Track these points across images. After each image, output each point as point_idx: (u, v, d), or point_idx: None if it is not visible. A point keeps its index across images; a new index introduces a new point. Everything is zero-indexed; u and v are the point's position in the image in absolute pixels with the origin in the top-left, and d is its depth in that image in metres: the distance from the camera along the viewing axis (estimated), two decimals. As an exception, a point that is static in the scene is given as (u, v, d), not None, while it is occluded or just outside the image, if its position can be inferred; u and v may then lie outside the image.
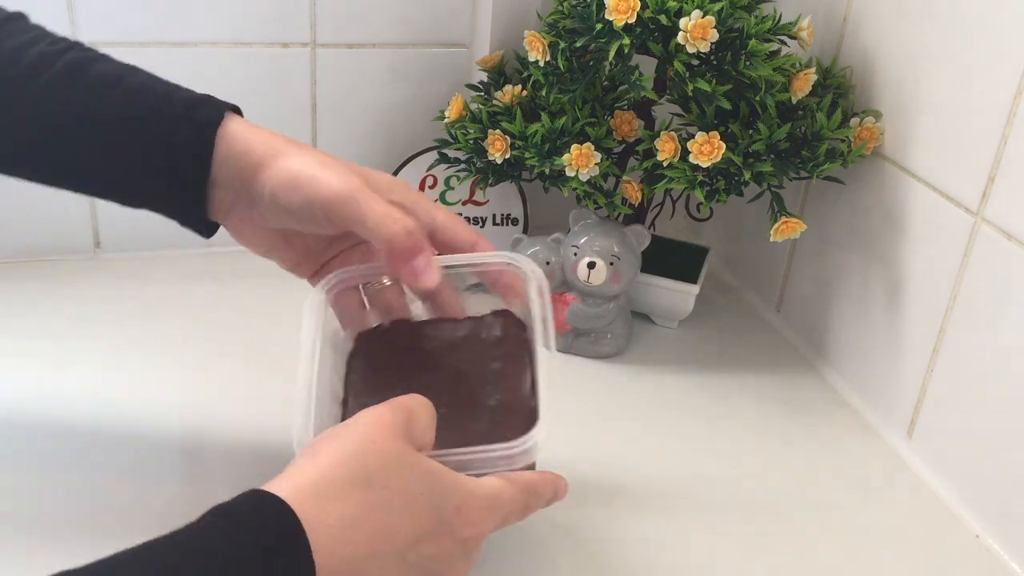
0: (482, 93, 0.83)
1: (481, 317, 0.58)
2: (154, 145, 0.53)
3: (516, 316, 0.58)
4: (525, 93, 0.78)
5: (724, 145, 0.69)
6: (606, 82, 0.78)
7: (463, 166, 0.82)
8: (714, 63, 0.71)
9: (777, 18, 0.72)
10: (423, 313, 0.59)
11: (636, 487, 0.65)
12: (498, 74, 0.83)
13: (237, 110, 0.55)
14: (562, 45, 0.72)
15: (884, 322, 0.73)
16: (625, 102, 0.79)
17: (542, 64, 0.73)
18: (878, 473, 0.69)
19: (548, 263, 0.77)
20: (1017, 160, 0.59)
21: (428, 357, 0.57)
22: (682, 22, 0.67)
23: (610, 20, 0.68)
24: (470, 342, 0.57)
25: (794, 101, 0.72)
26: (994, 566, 0.61)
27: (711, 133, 0.70)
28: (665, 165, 0.72)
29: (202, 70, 0.83)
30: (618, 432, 0.71)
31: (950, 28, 0.65)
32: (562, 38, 0.72)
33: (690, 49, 0.68)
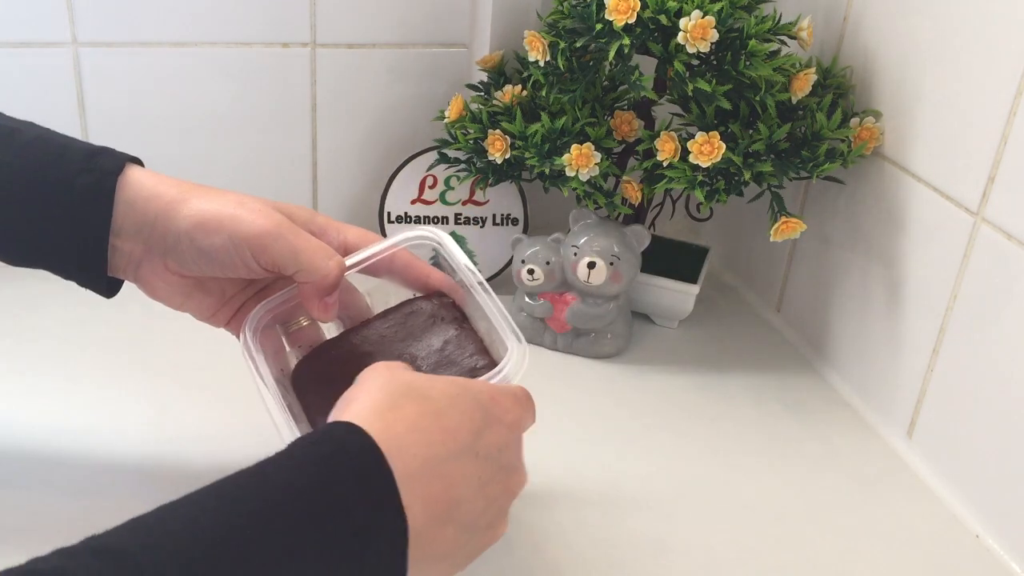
0: (482, 93, 0.83)
1: (402, 304, 0.58)
2: (53, 194, 0.51)
3: (439, 291, 0.58)
4: (525, 93, 0.78)
5: (724, 145, 0.69)
6: (606, 82, 0.78)
7: (463, 166, 0.82)
8: (714, 63, 0.71)
9: (777, 18, 0.72)
10: (335, 329, 0.59)
11: (636, 487, 0.65)
12: (498, 74, 0.83)
13: (138, 161, 0.54)
14: (562, 45, 0.72)
15: (884, 322, 0.73)
16: (625, 102, 0.79)
17: (542, 64, 0.73)
18: (878, 473, 0.69)
19: (548, 263, 0.77)
20: (1017, 160, 0.59)
21: (371, 357, 0.56)
22: (682, 22, 0.67)
23: (610, 20, 0.68)
24: (405, 330, 0.57)
25: (794, 101, 0.72)
26: (994, 566, 0.61)
27: (711, 133, 0.70)
28: (665, 165, 0.72)
29: (202, 70, 0.83)
30: (618, 432, 0.71)
31: (950, 28, 0.65)
32: (562, 38, 0.72)
33: (690, 49, 0.68)
